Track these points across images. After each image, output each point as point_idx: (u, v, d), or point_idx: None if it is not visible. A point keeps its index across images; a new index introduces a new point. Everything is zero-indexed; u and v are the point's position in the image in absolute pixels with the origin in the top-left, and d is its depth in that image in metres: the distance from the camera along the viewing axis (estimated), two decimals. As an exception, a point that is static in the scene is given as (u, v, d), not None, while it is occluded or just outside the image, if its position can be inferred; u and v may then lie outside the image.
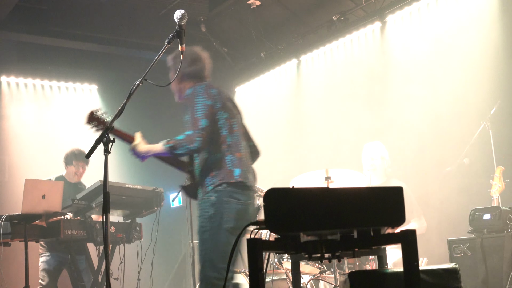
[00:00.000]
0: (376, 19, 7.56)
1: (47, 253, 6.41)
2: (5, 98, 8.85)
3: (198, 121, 4.05)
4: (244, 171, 4.20)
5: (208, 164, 4.18)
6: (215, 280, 4.03)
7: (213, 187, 4.12)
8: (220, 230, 4.08)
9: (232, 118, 4.30)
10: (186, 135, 4.04)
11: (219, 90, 4.31)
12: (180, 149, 4.05)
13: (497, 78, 6.21)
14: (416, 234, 2.44)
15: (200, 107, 4.11)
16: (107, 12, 8.41)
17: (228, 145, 4.20)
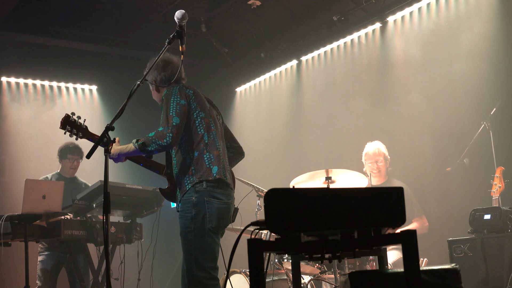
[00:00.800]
0: (377, 19, 7.57)
1: (45, 252, 6.40)
2: (6, 99, 8.85)
3: (170, 119, 4.08)
4: (221, 168, 4.22)
5: (186, 163, 4.21)
6: (203, 280, 4.07)
7: (192, 186, 4.14)
8: (204, 230, 4.11)
9: (209, 117, 4.31)
10: (157, 131, 4.07)
11: (195, 91, 4.33)
12: (151, 146, 4.06)
13: (497, 79, 6.21)
14: (418, 233, 2.44)
15: (173, 106, 4.13)
16: (108, 13, 8.41)
17: (205, 144, 4.22)
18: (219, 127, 4.45)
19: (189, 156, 4.20)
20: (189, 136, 4.20)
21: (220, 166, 4.22)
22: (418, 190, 6.57)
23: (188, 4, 8.11)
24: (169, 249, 9.07)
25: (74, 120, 4.33)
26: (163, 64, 4.44)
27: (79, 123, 4.35)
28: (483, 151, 5.98)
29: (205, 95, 4.51)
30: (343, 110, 7.91)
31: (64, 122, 4.35)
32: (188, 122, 4.20)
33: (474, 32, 6.52)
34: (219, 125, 4.46)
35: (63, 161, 6.89)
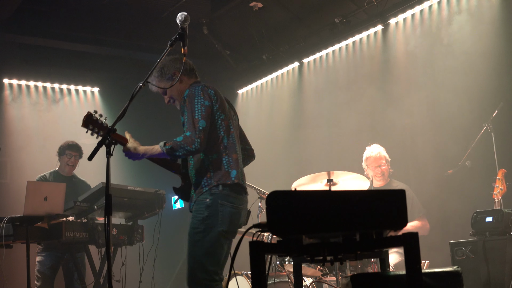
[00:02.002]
0: (378, 22, 7.57)
1: (43, 252, 6.40)
2: (7, 101, 8.86)
3: (197, 122, 4.01)
4: (240, 172, 4.19)
5: (204, 165, 4.15)
6: (205, 281, 4.06)
7: (209, 189, 4.10)
8: (213, 232, 4.08)
9: (228, 119, 4.27)
10: (185, 136, 4.01)
11: (216, 91, 4.27)
12: (179, 151, 4.01)
13: (499, 81, 6.21)
14: (419, 234, 2.44)
15: (199, 108, 4.07)
16: (109, 15, 8.42)
17: (224, 146, 4.17)
18: (236, 129, 4.41)
19: (208, 158, 4.14)
20: (209, 137, 4.12)
21: (239, 170, 4.18)
22: (420, 193, 6.56)
23: (190, 6, 8.11)
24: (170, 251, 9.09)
25: (96, 119, 4.27)
26: (180, 58, 4.37)
27: (101, 122, 4.30)
28: (485, 154, 5.98)
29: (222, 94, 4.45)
30: (345, 112, 7.91)
31: (86, 120, 4.29)
32: (210, 123, 4.13)
33: (476, 33, 6.52)
34: (236, 126, 4.41)
35: (61, 157, 6.89)
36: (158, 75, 4.35)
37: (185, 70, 4.36)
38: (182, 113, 4.15)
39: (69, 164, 6.86)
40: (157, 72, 4.34)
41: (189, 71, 4.40)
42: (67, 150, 6.85)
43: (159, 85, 4.34)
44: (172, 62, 4.36)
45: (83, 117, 4.26)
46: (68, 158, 6.84)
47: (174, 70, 4.35)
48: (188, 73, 4.40)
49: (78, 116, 9.15)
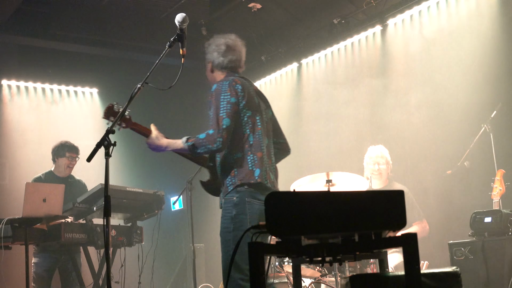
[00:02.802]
0: (377, 22, 7.57)
1: (39, 254, 6.37)
2: (6, 102, 8.85)
3: (221, 120, 4.01)
4: (264, 171, 4.14)
5: (229, 163, 4.13)
6: (240, 281, 3.96)
7: (234, 187, 4.08)
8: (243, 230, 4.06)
9: (256, 115, 4.23)
10: (208, 134, 4.00)
11: (244, 85, 4.24)
12: (200, 148, 4.01)
13: (497, 81, 6.22)
14: (418, 236, 2.44)
15: (224, 105, 4.06)
16: (108, 16, 8.42)
17: (250, 145, 4.14)
18: (266, 123, 4.34)
19: (232, 156, 4.12)
20: (234, 135, 4.10)
21: (263, 169, 4.14)
22: (419, 193, 6.56)
23: (188, 7, 8.12)
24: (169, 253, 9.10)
25: (118, 110, 4.26)
26: (225, 49, 4.40)
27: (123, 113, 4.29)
28: (484, 154, 5.98)
29: (255, 87, 4.43)
30: (344, 113, 7.91)
31: (107, 112, 4.27)
32: (235, 121, 4.11)
33: (474, 34, 6.52)
34: (266, 120, 4.35)
35: (60, 159, 6.71)
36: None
37: (219, 64, 4.39)
38: (209, 108, 4.15)
39: (70, 166, 6.76)
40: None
41: (224, 65, 4.39)
42: (67, 152, 6.70)
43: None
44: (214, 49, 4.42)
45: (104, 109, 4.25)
46: (69, 161, 6.71)
47: (209, 60, 4.41)
48: (222, 68, 4.40)
49: (77, 117, 9.25)
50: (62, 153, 6.72)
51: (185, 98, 9.53)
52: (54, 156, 6.77)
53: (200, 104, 9.86)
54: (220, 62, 4.38)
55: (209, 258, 9.16)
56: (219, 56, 4.38)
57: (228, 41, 4.42)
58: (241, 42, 4.48)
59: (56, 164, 6.77)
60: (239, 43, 4.47)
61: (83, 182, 6.90)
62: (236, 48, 4.43)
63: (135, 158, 9.20)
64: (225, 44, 4.40)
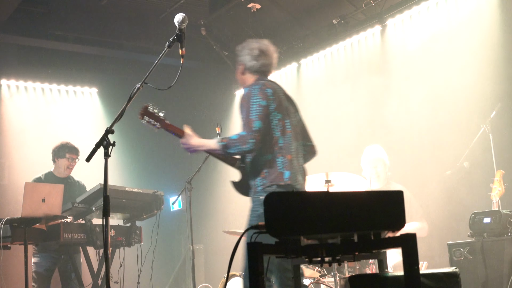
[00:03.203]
0: (376, 23, 7.57)
1: (39, 254, 6.37)
2: (5, 102, 8.85)
3: (252, 123, 4.11)
4: (293, 173, 4.23)
5: (260, 164, 4.22)
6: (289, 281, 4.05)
7: (263, 188, 4.17)
8: None
9: (285, 118, 4.33)
10: (240, 135, 4.12)
11: (274, 89, 4.34)
12: (232, 149, 4.13)
13: (497, 82, 6.21)
14: (418, 236, 2.44)
15: (255, 108, 4.16)
16: (108, 16, 8.42)
17: (279, 147, 4.23)
18: (295, 126, 4.44)
19: (263, 158, 4.21)
20: (265, 137, 4.20)
21: (293, 171, 4.23)
22: (418, 194, 6.56)
23: (188, 7, 8.11)
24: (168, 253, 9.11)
25: (153, 111, 4.32)
26: (258, 53, 4.50)
27: (158, 114, 4.34)
28: (483, 155, 5.98)
29: (284, 90, 4.52)
30: (343, 113, 7.91)
31: (143, 112, 4.35)
32: (266, 123, 4.21)
33: (474, 35, 6.52)
34: (295, 123, 4.45)
35: (60, 160, 6.70)
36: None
37: (251, 68, 4.49)
38: (240, 111, 4.25)
39: (70, 167, 6.75)
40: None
41: (256, 69, 4.49)
42: (67, 153, 6.69)
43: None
44: (247, 52, 4.51)
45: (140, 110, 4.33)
46: (70, 162, 6.70)
47: (241, 63, 4.50)
48: (253, 71, 4.49)
49: (77, 117, 9.24)
50: (62, 154, 6.71)
51: (184, 98, 9.53)
52: (54, 156, 6.76)
53: (199, 104, 9.88)
54: (252, 65, 4.49)
55: (208, 259, 9.17)
56: (252, 59, 4.49)
57: (262, 46, 4.55)
58: (273, 48, 4.62)
59: (56, 165, 6.76)
60: (271, 48, 4.60)
61: (82, 184, 6.90)
62: (268, 53, 4.56)
63: (134, 158, 9.21)
64: (258, 49, 4.52)
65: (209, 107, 9.83)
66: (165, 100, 8.78)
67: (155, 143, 9.25)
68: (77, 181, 6.91)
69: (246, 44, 4.54)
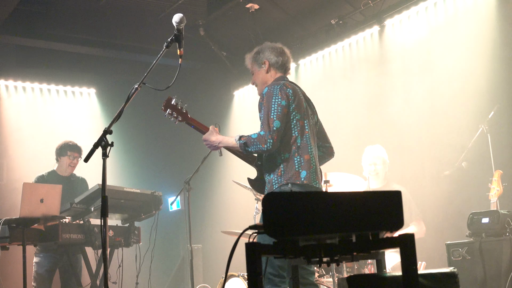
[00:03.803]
0: (375, 23, 7.57)
1: (41, 253, 6.38)
2: (3, 102, 8.85)
3: (272, 123, 4.16)
4: (310, 173, 4.25)
5: (277, 162, 4.25)
6: (271, 276, 4.08)
7: (279, 186, 4.19)
8: None
9: (304, 119, 4.36)
10: (259, 134, 4.16)
11: (294, 90, 4.38)
12: (251, 147, 4.17)
13: (495, 82, 6.22)
14: (415, 238, 2.44)
15: (275, 108, 4.20)
16: (106, 16, 8.41)
17: (297, 147, 4.26)
18: (313, 127, 4.48)
19: (280, 156, 4.24)
20: (283, 137, 4.24)
21: (310, 171, 4.25)
22: (416, 194, 6.57)
23: (186, 7, 8.12)
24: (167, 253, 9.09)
25: (176, 103, 4.32)
26: (280, 51, 4.55)
27: (180, 107, 4.35)
28: (481, 155, 5.99)
29: (303, 92, 4.57)
30: (341, 114, 7.91)
31: (166, 104, 4.37)
32: (285, 123, 4.25)
33: (472, 35, 6.53)
34: (312, 124, 4.48)
35: (62, 158, 6.74)
36: (253, 56, 4.57)
37: (276, 63, 4.53)
38: (259, 109, 4.32)
39: (71, 165, 6.77)
40: (253, 53, 4.57)
41: (280, 65, 4.54)
42: (68, 151, 6.72)
43: (250, 65, 4.60)
44: (269, 50, 4.55)
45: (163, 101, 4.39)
46: (71, 160, 6.72)
47: (266, 59, 4.51)
48: (278, 67, 4.54)
49: (75, 117, 9.24)
50: (64, 152, 6.76)
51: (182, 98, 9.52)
52: (57, 155, 6.81)
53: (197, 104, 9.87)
54: (277, 61, 4.54)
55: (206, 259, 9.17)
56: (277, 56, 4.53)
57: (279, 45, 4.63)
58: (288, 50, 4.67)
59: (59, 163, 6.81)
60: (286, 50, 4.66)
61: (85, 180, 6.91)
62: (286, 53, 4.62)
63: (132, 159, 9.21)
64: (280, 47, 4.59)
65: (208, 107, 9.82)
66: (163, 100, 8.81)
67: (153, 144, 9.26)
68: (80, 178, 6.90)
69: (265, 45, 4.59)
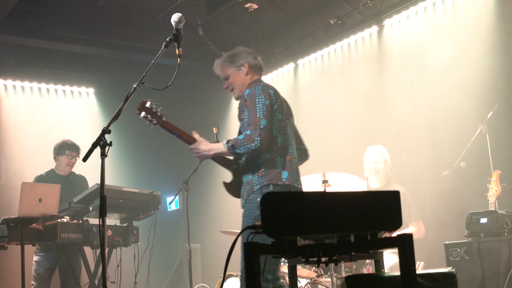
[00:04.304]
0: (373, 23, 7.57)
1: (40, 252, 6.37)
2: (2, 101, 8.85)
3: (259, 121, 4.12)
4: (291, 174, 4.25)
5: (257, 163, 4.22)
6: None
7: (260, 188, 4.16)
8: None
9: (285, 119, 4.35)
10: (245, 135, 4.12)
11: (275, 91, 4.37)
12: (240, 149, 4.12)
13: (494, 82, 6.22)
14: (414, 238, 2.44)
15: (260, 107, 4.17)
16: (105, 15, 8.41)
17: (278, 147, 4.25)
18: (292, 128, 4.49)
19: (261, 157, 4.21)
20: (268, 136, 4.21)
21: (292, 172, 4.25)
22: (415, 194, 6.56)
23: (185, 7, 8.11)
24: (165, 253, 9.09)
25: (151, 106, 4.29)
26: (255, 54, 4.56)
27: (155, 110, 4.32)
28: (480, 155, 5.99)
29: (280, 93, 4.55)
30: (340, 114, 7.91)
31: (141, 107, 4.33)
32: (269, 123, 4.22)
33: (471, 35, 6.53)
34: (291, 125, 4.49)
35: (60, 157, 6.71)
36: (227, 60, 4.49)
37: (255, 65, 4.51)
38: (241, 111, 4.27)
39: (69, 164, 6.74)
40: (226, 57, 4.50)
41: (257, 68, 4.53)
42: (67, 150, 6.69)
43: (225, 70, 4.49)
44: (246, 53, 4.51)
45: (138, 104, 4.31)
46: (69, 159, 6.69)
47: (245, 62, 4.47)
48: (256, 70, 4.53)
49: (74, 117, 9.24)
50: (62, 151, 6.74)
51: (181, 98, 9.52)
52: (55, 154, 6.79)
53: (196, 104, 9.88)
54: (255, 63, 4.52)
55: (205, 259, 9.17)
56: (254, 58, 4.52)
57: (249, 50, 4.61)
58: None
59: (57, 163, 6.79)
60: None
61: (84, 177, 6.89)
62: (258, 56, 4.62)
63: (131, 158, 9.21)
64: (252, 50, 4.58)
65: (206, 107, 9.83)
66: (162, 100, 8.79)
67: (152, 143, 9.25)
68: (79, 176, 6.88)
69: (238, 48, 4.55)
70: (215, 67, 4.55)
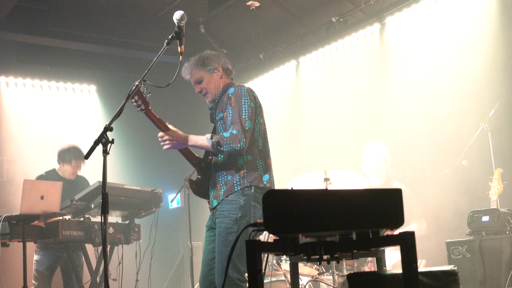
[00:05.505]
0: (375, 21, 7.56)
1: (41, 251, 6.37)
2: (4, 99, 8.85)
3: (244, 122, 4.11)
4: (271, 177, 4.29)
5: (238, 164, 4.19)
6: (237, 281, 4.06)
7: (241, 189, 4.15)
8: (246, 233, 4.08)
9: (264, 123, 4.37)
10: (232, 133, 4.08)
11: (256, 94, 4.38)
12: (224, 146, 4.09)
13: (496, 81, 6.21)
14: (416, 236, 2.44)
15: (246, 108, 4.16)
16: (106, 13, 8.41)
17: (259, 150, 4.26)
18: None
19: (243, 158, 4.20)
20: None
21: (271, 175, 4.29)
22: (417, 192, 6.57)
23: (187, 5, 8.11)
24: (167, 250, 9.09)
25: (142, 91, 4.27)
26: (225, 58, 4.56)
27: (145, 95, 4.29)
28: (482, 153, 5.98)
29: None
30: (342, 111, 7.91)
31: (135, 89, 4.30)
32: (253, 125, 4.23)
33: (472, 33, 6.52)
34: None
35: (65, 165, 6.68)
36: (199, 64, 4.42)
37: (227, 69, 4.50)
38: (222, 109, 4.24)
39: (74, 173, 6.72)
40: (196, 61, 4.42)
41: (229, 71, 4.53)
42: (74, 160, 6.65)
43: (197, 74, 4.42)
44: (216, 56, 4.49)
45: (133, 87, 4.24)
46: (75, 170, 6.69)
47: (218, 65, 4.45)
48: (228, 73, 4.51)
49: (76, 114, 9.24)
50: (68, 159, 6.69)
51: (183, 96, 9.52)
52: (60, 159, 6.74)
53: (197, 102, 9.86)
54: (227, 66, 4.52)
55: (206, 256, 9.15)
56: (225, 62, 4.52)
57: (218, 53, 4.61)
58: None
59: (61, 167, 6.74)
60: None
61: (86, 179, 6.88)
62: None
63: (133, 156, 9.21)
64: (221, 54, 4.60)
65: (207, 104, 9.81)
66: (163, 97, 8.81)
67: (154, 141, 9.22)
68: (81, 177, 6.86)
69: (206, 52, 4.51)
70: (184, 71, 4.45)
